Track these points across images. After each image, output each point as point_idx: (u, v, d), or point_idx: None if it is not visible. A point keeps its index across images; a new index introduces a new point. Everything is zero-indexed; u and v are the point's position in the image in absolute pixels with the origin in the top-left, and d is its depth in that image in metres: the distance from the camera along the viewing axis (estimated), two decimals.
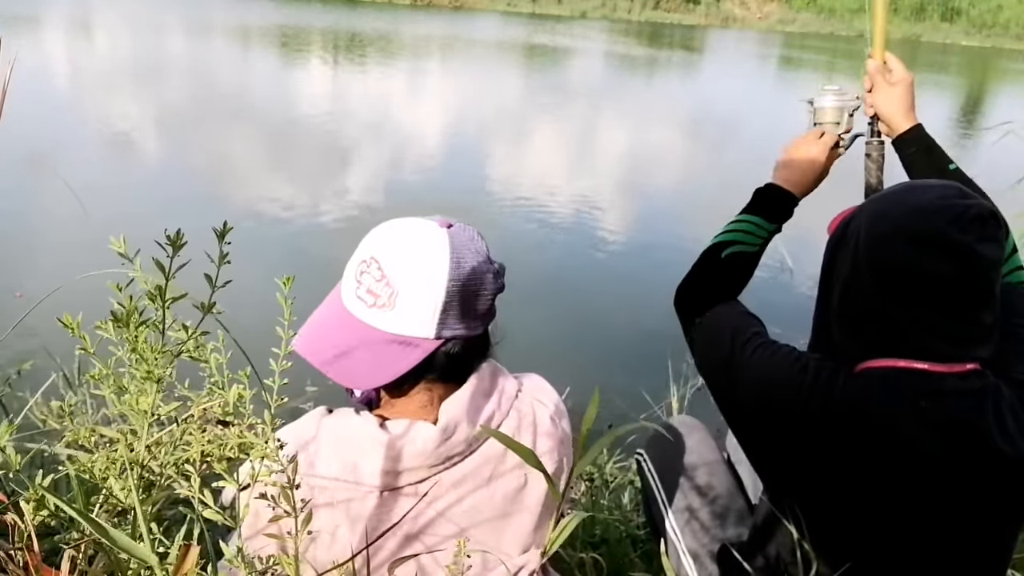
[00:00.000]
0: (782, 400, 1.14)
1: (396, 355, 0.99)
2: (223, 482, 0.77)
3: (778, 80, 15.61)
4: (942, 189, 1.09)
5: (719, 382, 1.27)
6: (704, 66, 17.09)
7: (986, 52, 21.75)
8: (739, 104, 12.21)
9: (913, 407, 1.06)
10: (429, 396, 1.05)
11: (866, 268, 1.09)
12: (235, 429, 0.79)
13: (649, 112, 11.38)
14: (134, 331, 0.65)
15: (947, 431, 1.06)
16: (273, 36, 15.14)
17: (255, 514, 0.85)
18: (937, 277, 1.04)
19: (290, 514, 0.74)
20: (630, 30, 21.98)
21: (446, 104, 10.58)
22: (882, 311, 1.08)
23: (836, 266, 1.16)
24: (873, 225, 1.10)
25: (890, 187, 1.20)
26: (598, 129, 9.90)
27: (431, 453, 1.00)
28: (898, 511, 1.10)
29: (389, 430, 1.00)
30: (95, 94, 9.00)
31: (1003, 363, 1.11)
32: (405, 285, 0.99)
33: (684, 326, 1.40)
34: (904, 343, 1.08)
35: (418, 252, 1.01)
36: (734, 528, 1.49)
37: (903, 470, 1.08)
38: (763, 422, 1.18)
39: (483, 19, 21.89)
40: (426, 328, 1.00)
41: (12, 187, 5.37)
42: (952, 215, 1.04)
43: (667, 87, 13.96)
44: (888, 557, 1.13)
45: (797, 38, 22.38)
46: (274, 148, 7.37)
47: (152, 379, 0.67)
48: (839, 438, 1.10)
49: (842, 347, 1.14)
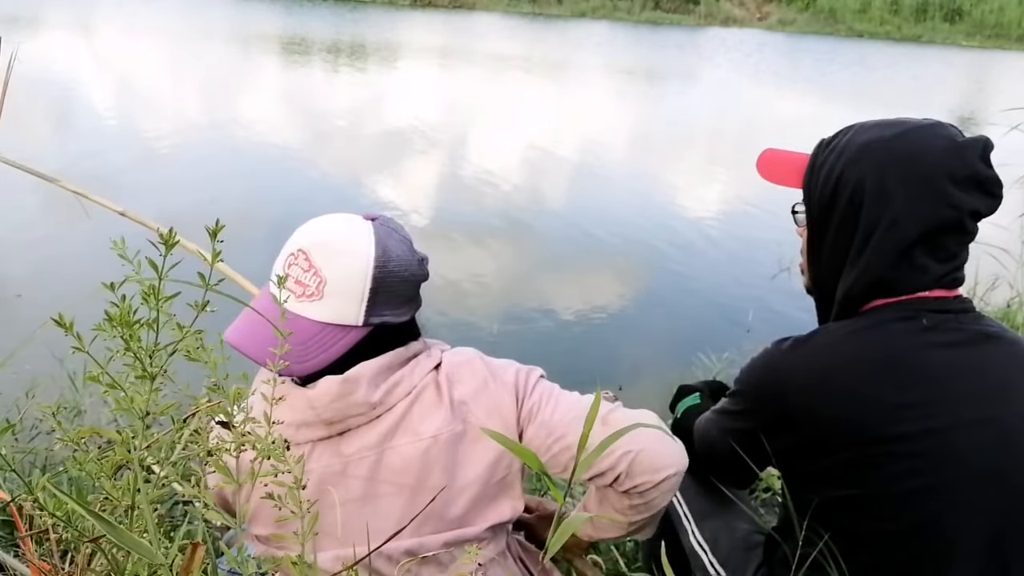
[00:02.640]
0: (845, 378, 1.13)
1: (324, 343, 1.01)
2: (224, 483, 0.78)
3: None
4: (940, 126, 1.17)
5: (787, 445, 1.19)
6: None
7: (987, 53, 21.75)
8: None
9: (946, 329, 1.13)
10: None
11: (906, 211, 1.13)
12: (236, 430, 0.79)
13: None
14: (127, 331, 0.65)
15: (978, 343, 1.13)
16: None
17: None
18: (975, 212, 1.14)
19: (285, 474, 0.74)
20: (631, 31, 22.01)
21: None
22: (916, 249, 1.14)
23: (847, 217, 1.18)
24: (908, 171, 1.14)
25: (877, 135, 1.19)
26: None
27: (327, 406, 1.03)
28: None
29: (301, 384, 1.05)
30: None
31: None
32: (332, 274, 1.03)
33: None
34: (922, 276, 1.15)
35: (344, 243, 1.05)
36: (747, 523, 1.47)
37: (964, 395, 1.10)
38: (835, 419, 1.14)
39: (491, 20, 21.90)
40: (353, 315, 1.04)
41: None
42: (980, 148, 1.13)
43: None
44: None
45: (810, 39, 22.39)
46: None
47: (147, 377, 0.68)
48: (905, 379, 1.11)
49: (849, 296, 1.19)
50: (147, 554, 0.65)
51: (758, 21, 25.95)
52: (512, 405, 1.12)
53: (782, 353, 1.20)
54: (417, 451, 1.07)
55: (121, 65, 11.26)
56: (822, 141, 1.26)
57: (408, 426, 1.08)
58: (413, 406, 1.09)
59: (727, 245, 5.51)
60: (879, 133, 1.18)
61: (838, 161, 1.19)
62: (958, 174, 1.12)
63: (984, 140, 1.15)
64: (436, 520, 1.09)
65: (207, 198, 5.54)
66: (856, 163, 1.17)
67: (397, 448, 1.07)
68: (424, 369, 1.11)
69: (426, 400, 1.09)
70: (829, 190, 1.19)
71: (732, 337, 3.84)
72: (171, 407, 0.74)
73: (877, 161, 1.15)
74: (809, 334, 1.21)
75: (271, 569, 0.81)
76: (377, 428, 1.07)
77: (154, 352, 0.67)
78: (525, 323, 4.05)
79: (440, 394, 1.10)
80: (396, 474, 1.08)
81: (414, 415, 1.08)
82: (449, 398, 1.09)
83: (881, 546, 1.12)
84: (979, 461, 1.08)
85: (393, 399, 1.08)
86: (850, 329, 1.17)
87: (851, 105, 11.56)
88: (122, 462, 0.73)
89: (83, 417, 2.44)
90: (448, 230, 5.49)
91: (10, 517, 1.46)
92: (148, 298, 0.65)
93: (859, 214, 1.16)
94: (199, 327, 0.71)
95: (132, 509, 0.72)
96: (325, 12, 19.77)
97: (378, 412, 1.07)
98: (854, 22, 24.67)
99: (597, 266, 5.08)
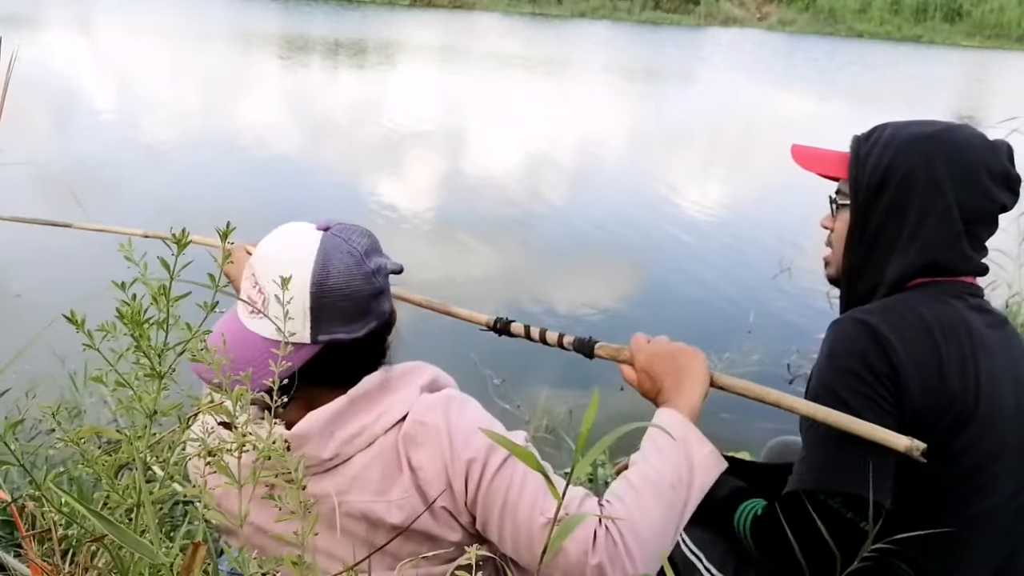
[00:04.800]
0: (926, 368, 1.17)
1: (273, 360, 0.93)
2: (224, 484, 0.78)
3: None
4: (970, 127, 1.29)
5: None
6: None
7: (987, 53, 21.75)
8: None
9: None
10: (307, 402, 1.04)
11: (955, 200, 1.22)
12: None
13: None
14: (137, 330, 0.65)
15: (1003, 326, 1.28)
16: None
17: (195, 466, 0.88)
18: (1004, 206, 1.25)
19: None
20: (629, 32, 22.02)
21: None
22: (962, 236, 1.23)
23: (897, 202, 1.26)
24: (953, 164, 1.23)
25: (920, 130, 1.28)
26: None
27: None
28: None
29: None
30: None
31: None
32: (271, 290, 0.98)
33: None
34: (967, 262, 1.25)
35: (283, 257, 1.02)
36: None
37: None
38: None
39: (491, 20, 21.89)
40: (300, 332, 1.00)
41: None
42: (1007, 148, 1.26)
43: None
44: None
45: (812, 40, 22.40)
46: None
47: (155, 376, 0.68)
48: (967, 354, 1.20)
49: (903, 276, 1.26)
50: (148, 554, 0.65)
51: (758, 21, 25.94)
52: (461, 486, 1.04)
53: (864, 320, 1.21)
54: (374, 510, 1.03)
55: (120, 64, 11.26)
56: (859, 135, 1.34)
57: (366, 485, 1.03)
58: (374, 463, 1.04)
59: (727, 246, 5.51)
60: (921, 128, 1.28)
61: (885, 151, 1.27)
62: (994, 169, 1.23)
63: (1007, 142, 1.27)
64: (391, 559, 1.05)
65: (206, 198, 5.54)
66: (905, 152, 1.25)
67: (353, 504, 1.04)
68: (388, 421, 1.05)
69: (387, 457, 1.04)
70: (878, 178, 1.27)
71: (733, 338, 3.84)
72: (176, 407, 0.74)
73: (926, 151, 1.24)
74: (870, 306, 1.26)
75: (271, 569, 0.82)
76: (333, 479, 1.03)
77: (163, 351, 0.67)
78: (523, 320, 4.05)
79: (399, 457, 1.04)
80: (352, 521, 1.05)
81: (373, 474, 1.03)
82: (408, 460, 1.04)
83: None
84: (1014, 420, 1.23)
85: (351, 450, 1.04)
86: (918, 300, 1.24)
87: (851, 105, 11.57)
88: (124, 462, 0.73)
89: (83, 417, 2.44)
90: (447, 229, 5.50)
91: (10, 517, 1.46)
92: (158, 298, 0.65)
93: (909, 201, 1.25)
94: (207, 328, 0.71)
95: (135, 509, 0.72)
96: (326, 12, 19.76)
97: (334, 463, 1.03)
98: (854, 22, 24.65)
99: (597, 266, 5.08)
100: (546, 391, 3.16)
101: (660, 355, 1.23)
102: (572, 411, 3.08)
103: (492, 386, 3.09)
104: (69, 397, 2.46)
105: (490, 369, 3.13)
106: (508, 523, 1.02)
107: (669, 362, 1.21)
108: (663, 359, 1.22)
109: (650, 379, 1.22)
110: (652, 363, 1.23)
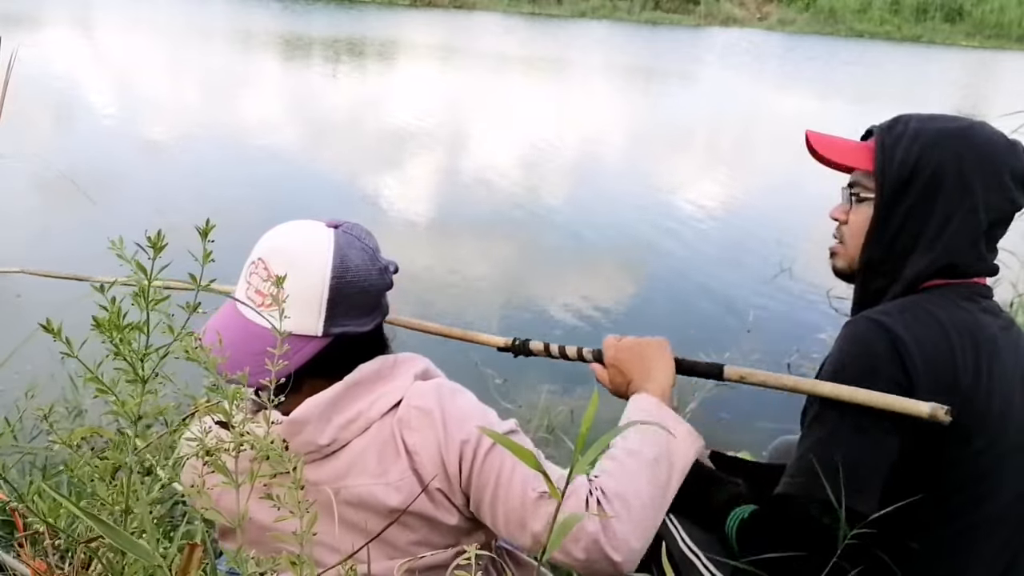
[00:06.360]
0: (942, 364, 1.16)
1: (284, 353, 0.97)
2: (223, 484, 0.78)
3: None
4: (992, 127, 1.26)
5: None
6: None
7: (987, 53, 21.73)
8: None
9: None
10: (306, 395, 1.04)
11: (982, 200, 1.20)
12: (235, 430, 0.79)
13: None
14: (117, 335, 0.64)
15: (1011, 328, 1.26)
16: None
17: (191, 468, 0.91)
18: (1018, 208, 1.24)
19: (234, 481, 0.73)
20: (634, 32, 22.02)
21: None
22: (982, 237, 1.22)
23: (925, 198, 1.22)
24: (983, 163, 1.21)
25: (944, 125, 1.24)
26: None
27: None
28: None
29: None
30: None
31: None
32: (290, 284, 0.99)
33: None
34: (983, 263, 1.24)
35: (302, 251, 1.04)
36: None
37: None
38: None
39: (491, 20, 21.89)
40: (313, 325, 1.03)
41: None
42: (1023, 150, 1.23)
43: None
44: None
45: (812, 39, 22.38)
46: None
47: (138, 381, 0.67)
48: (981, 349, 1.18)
49: (920, 276, 1.23)
50: (144, 555, 0.65)
51: (758, 21, 25.91)
52: (455, 467, 1.06)
53: (880, 322, 1.19)
54: (372, 493, 1.04)
55: (120, 64, 11.26)
56: (881, 126, 1.28)
57: (364, 468, 1.04)
58: (370, 447, 1.05)
59: (727, 245, 5.50)
60: (946, 124, 1.24)
61: (913, 144, 1.22)
62: (1016, 170, 1.21)
63: (1021, 143, 1.25)
64: (390, 548, 1.06)
65: (204, 198, 5.54)
66: (934, 147, 1.21)
67: (352, 488, 1.04)
68: (383, 406, 1.06)
69: (383, 441, 1.05)
70: (906, 173, 1.22)
71: (733, 337, 3.83)
72: (164, 410, 0.74)
73: (956, 148, 1.21)
74: (886, 306, 1.23)
75: (271, 569, 0.81)
76: (332, 464, 1.04)
77: (145, 356, 0.67)
78: (524, 322, 4.04)
79: (395, 440, 1.05)
80: (351, 508, 1.05)
81: (370, 458, 1.04)
82: (403, 444, 1.05)
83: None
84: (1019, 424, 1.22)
85: (348, 435, 1.05)
86: (936, 303, 1.22)
87: (851, 105, 11.55)
88: (118, 464, 0.73)
89: (84, 417, 2.44)
90: (447, 228, 5.49)
91: (10, 517, 1.46)
92: (138, 299, 0.65)
93: (937, 197, 1.21)
94: (192, 328, 0.70)
95: (128, 512, 0.72)
96: (325, 12, 19.76)
97: (332, 449, 1.04)
98: (854, 22, 24.59)
99: (597, 266, 5.07)
100: (546, 391, 3.16)
101: (627, 348, 1.32)
102: (572, 411, 3.08)
103: (494, 386, 3.09)
104: (70, 397, 2.46)
105: (491, 369, 3.13)
106: (500, 502, 1.04)
107: (636, 354, 1.30)
108: (630, 351, 1.31)
109: (620, 373, 1.31)
110: (620, 357, 1.32)
